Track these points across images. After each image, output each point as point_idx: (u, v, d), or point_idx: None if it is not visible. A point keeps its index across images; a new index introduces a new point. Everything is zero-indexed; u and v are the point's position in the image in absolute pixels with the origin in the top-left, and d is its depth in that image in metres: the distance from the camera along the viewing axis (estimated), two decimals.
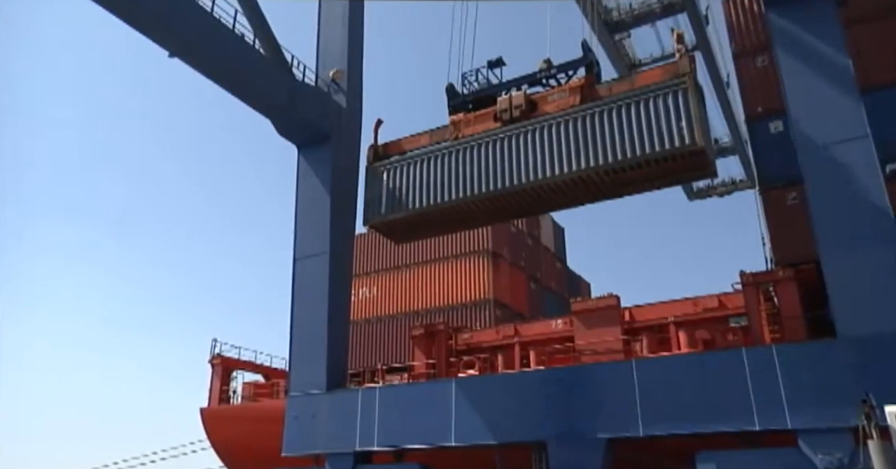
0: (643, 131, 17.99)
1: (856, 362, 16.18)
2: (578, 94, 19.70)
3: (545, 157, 19.39)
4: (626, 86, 19.22)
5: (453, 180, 20.83)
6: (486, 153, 20.60)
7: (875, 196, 17.28)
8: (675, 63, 18.53)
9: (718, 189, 48.71)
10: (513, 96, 20.87)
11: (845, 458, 15.20)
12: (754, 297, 20.89)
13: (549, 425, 19.28)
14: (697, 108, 17.51)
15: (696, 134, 17.08)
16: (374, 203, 22.22)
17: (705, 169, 18.42)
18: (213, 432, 31.81)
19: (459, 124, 21.63)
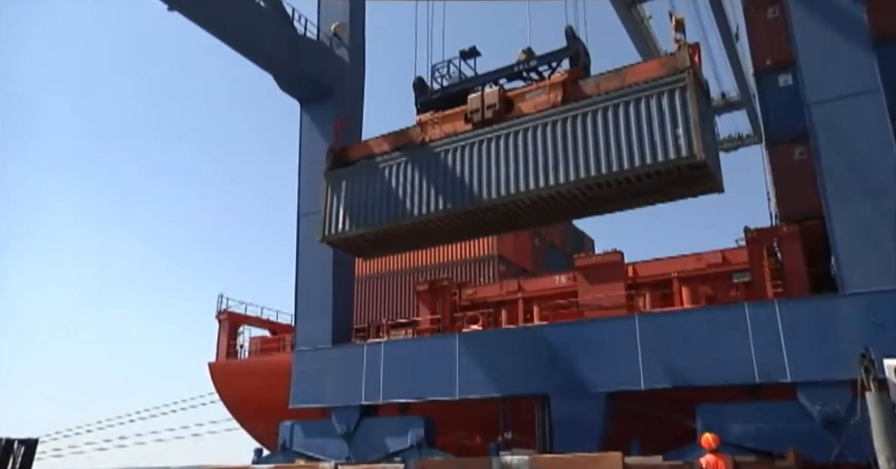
0: (632, 139, 15.59)
1: (858, 317, 16.31)
2: (560, 92, 17.09)
3: (518, 168, 17.01)
4: (616, 82, 16.52)
5: (416, 193, 18.54)
6: (453, 161, 18.22)
7: (884, 151, 17.11)
8: (674, 55, 15.94)
9: (724, 145, 48.20)
10: (485, 94, 18.21)
11: (842, 410, 15.46)
12: (758, 252, 20.95)
13: (552, 378, 19.58)
14: (698, 112, 15.01)
15: (696, 144, 14.65)
16: (332, 216, 20.13)
17: (708, 184, 16.02)
18: (221, 386, 32.45)
19: (427, 125, 19.19)
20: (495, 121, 17.74)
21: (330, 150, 21.07)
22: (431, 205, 18.11)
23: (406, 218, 18.54)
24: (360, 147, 20.73)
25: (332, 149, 21.07)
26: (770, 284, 20.39)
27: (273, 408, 25.13)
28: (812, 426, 16.19)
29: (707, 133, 15.29)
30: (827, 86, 18.01)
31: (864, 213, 16.88)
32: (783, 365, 16.89)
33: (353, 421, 22.96)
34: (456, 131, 18.49)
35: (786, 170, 21.10)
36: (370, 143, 20.58)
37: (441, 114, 19.13)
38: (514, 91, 18.16)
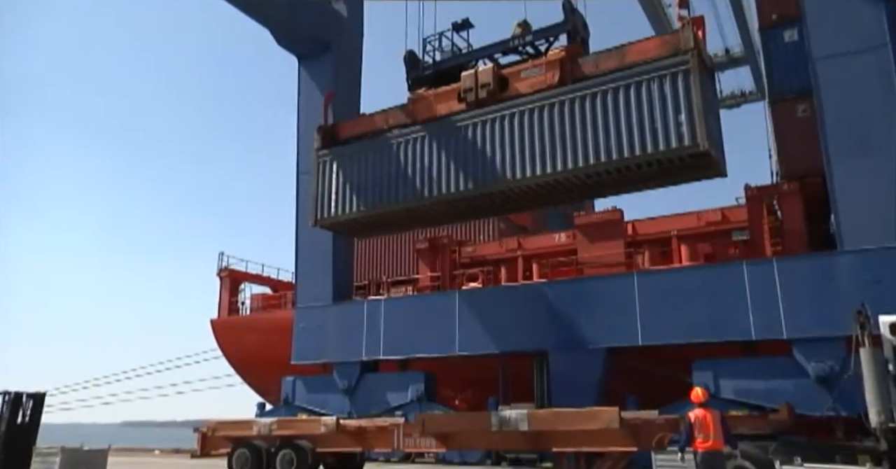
0: (632, 126, 14.97)
1: (855, 274, 16.40)
2: (557, 70, 16.26)
3: (514, 154, 16.43)
4: (616, 61, 15.76)
5: (407, 176, 17.97)
6: (445, 144, 17.56)
7: (888, 108, 16.95)
8: (677, 33, 15.05)
9: (727, 101, 47.66)
10: (479, 71, 17.37)
11: (836, 366, 15.69)
12: (758, 210, 20.95)
13: (551, 335, 19.80)
14: (701, 97, 14.26)
15: (699, 132, 14.08)
16: (323, 199, 19.58)
17: (710, 170, 15.62)
18: (224, 342, 32.85)
19: (419, 103, 18.45)
20: (490, 101, 17.02)
21: (320, 127, 20.31)
22: (425, 190, 17.59)
23: (399, 203, 18.06)
24: (351, 125, 20.07)
25: (322, 126, 20.30)
26: (769, 242, 20.45)
27: (275, 363, 25.49)
28: (806, 381, 16.45)
29: (711, 118, 14.64)
30: (833, 41, 17.70)
31: (865, 171, 16.81)
32: (779, 322, 17.07)
33: (354, 376, 23.32)
34: (449, 111, 17.74)
35: (788, 127, 20.92)
36: (362, 121, 19.97)
37: (434, 91, 18.33)
38: (509, 68, 17.41)
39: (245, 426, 17.50)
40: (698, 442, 10.43)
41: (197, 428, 19.00)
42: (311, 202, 19.98)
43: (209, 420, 18.61)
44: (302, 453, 15.93)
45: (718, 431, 10.51)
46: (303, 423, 17.10)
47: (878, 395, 10.40)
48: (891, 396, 10.41)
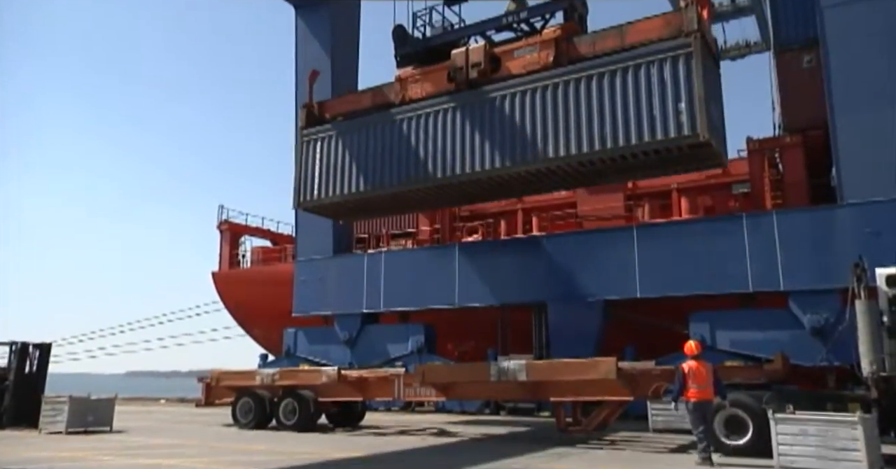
0: (629, 113, 14.20)
1: (854, 227, 16.44)
2: (552, 50, 15.38)
3: (505, 139, 15.66)
4: (615, 41, 14.85)
5: (395, 160, 17.27)
6: (434, 127, 16.74)
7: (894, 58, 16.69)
8: (679, 13, 14.19)
9: (731, 52, 46.79)
10: (470, 50, 16.44)
11: (831, 318, 15.89)
12: (759, 163, 20.85)
13: (550, 287, 19.97)
14: (703, 83, 13.47)
15: (699, 121, 13.36)
16: (306, 181, 18.86)
17: (710, 161, 15.07)
18: (225, 294, 33.11)
19: (407, 83, 17.53)
20: (481, 81, 16.21)
21: (304, 105, 19.55)
22: (411, 175, 16.94)
23: (385, 188, 17.43)
24: (336, 103, 19.32)
25: (306, 104, 19.49)
26: (769, 195, 20.42)
27: (276, 315, 25.78)
28: (800, 333, 16.70)
29: (712, 106, 13.90)
30: None
31: (868, 123, 16.66)
32: (777, 274, 17.20)
33: (354, 328, 23.63)
34: (439, 91, 16.92)
35: (793, 78, 20.64)
36: (347, 99, 19.28)
37: (422, 69, 17.44)
38: (501, 47, 16.53)
39: (248, 376, 17.80)
40: (691, 392, 10.78)
41: (201, 378, 19.32)
42: (294, 183, 19.31)
43: (213, 371, 18.90)
44: (304, 403, 16.24)
45: (710, 382, 10.85)
46: (305, 374, 17.37)
47: (870, 346, 10.55)
48: (883, 347, 10.58)
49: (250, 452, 12.06)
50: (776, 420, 9.60)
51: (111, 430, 16.18)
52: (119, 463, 10.53)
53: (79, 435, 15.38)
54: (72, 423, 15.74)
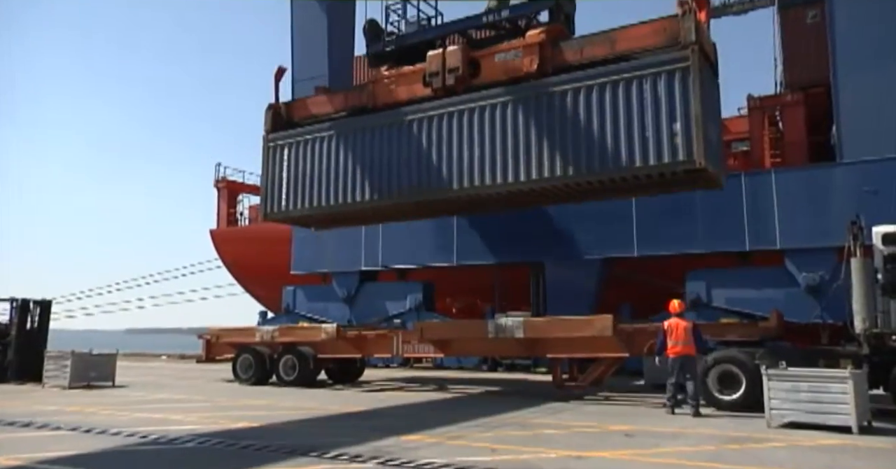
0: (620, 133, 12.94)
1: (852, 185, 16.44)
2: (536, 56, 14.01)
3: (485, 154, 14.37)
4: (604, 48, 13.46)
5: (368, 172, 16.00)
6: (409, 137, 15.51)
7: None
8: (675, 19, 12.70)
9: (734, 7, 45.95)
10: (447, 52, 15.05)
11: (826, 276, 16.04)
12: (759, 121, 20.71)
13: (548, 246, 20.04)
14: (701, 101, 12.16)
15: (696, 146, 12.11)
16: (274, 191, 17.55)
17: (706, 183, 13.87)
18: (224, 252, 33.19)
19: (380, 85, 16.23)
20: (459, 88, 14.91)
21: (270, 106, 17.99)
22: (384, 190, 15.75)
23: (357, 203, 16.22)
24: (306, 105, 17.78)
25: (272, 105, 17.98)
26: (769, 154, 20.35)
27: (275, 273, 25.91)
28: (795, 291, 16.88)
29: (710, 126, 12.76)
30: None
31: (871, 81, 16.50)
32: (774, 233, 17.28)
33: (353, 286, 23.79)
34: (413, 97, 15.63)
35: (796, 34, 20.34)
36: (317, 101, 17.68)
37: (397, 71, 16.11)
38: (481, 50, 15.13)
39: (248, 333, 17.98)
40: (670, 348, 11.19)
41: (201, 335, 19.52)
42: (261, 191, 18.08)
43: (213, 327, 19.09)
44: (304, 359, 16.45)
45: (689, 339, 11.18)
46: (304, 331, 17.55)
47: (864, 304, 10.68)
48: (876, 304, 10.71)
49: (252, 407, 12.28)
50: (769, 376, 9.77)
51: (113, 385, 16.44)
52: (126, 417, 10.72)
53: (81, 390, 15.63)
54: (74, 378, 15.99)
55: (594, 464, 6.94)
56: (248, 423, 9.98)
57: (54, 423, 9.96)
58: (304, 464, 6.93)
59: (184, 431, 9.09)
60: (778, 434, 9.08)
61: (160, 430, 9.15)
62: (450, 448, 7.88)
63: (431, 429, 9.39)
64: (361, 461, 7.04)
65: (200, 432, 9.04)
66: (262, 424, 9.92)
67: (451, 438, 8.62)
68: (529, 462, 6.96)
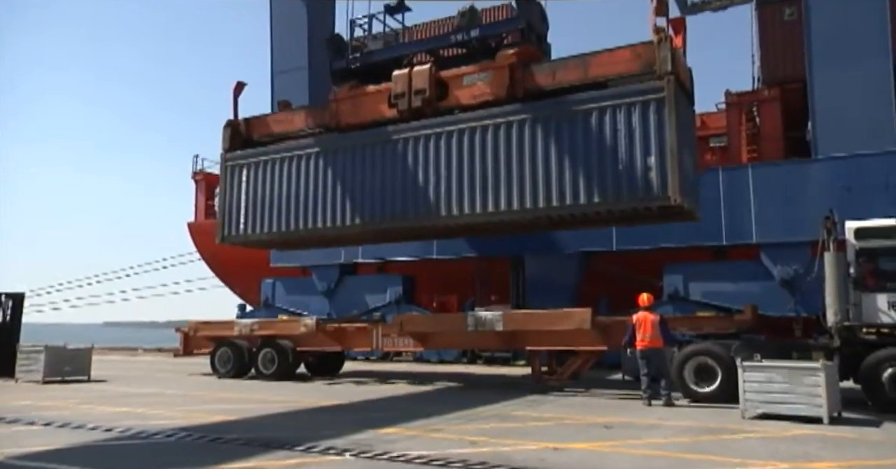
0: (592, 166, 12.40)
1: (826, 181, 16.70)
2: (506, 80, 13.45)
3: (451, 183, 13.81)
4: (577, 73, 12.98)
5: (330, 198, 15.34)
6: (371, 161, 14.86)
7: (875, 14, 16.67)
8: (651, 45, 12.23)
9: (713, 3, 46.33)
10: (414, 73, 14.38)
11: (801, 270, 16.29)
12: (736, 116, 20.91)
13: (527, 240, 20.08)
14: (677, 133, 11.70)
15: (671, 182, 11.66)
16: (231, 213, 16.82)
17: (682, 217, 13.58)
18: (202, 245, 32.81)
19: (344, 105, 15.52)
20: (426, 111, 14.33)
21: (228, 123, 17.17)
22: (347, 217, 15.12)
23: (318, 230, 15.66)
24: (266, 123, 17.04)
25: (230, 122, 17.18)
26: (746, 149, 20.58)
27: (253, 266, 25.70)
28: (770, 284, 17.14)
29: (686, 158, 12.32)
30: None
31: (846, 78, 16.74)
32: (750, 227, 17.50)
33: (333, 279, 23.70)
34: (378, 118, 15.02)
35: (773, 30, 20.55)
36: (278, 119, 17.01)
37: (361, 90, 15.43)
38: (449, 71, 14.50)
39: (226, 326, 17.87)
40: (638, 341, 11.43)
41: (179, 328, 19.36)
42: (218, 213, 17.43)
43: (191, 321, 18.93)
44: (283, 352, 16.39)
45: (656, 332, 11.43)
46: (283, 324, 17.48)
47: (836, 297, 10.88)
48: (848, 297, 10.91)
49: (230, 400, 12.21)
50: (744, 368, 9.91)
51: (89, 380, 16.25)
52: (102, 411, 10.61)
53: (56, 384, 15.43)
54: (48, 373, 15.77)
55: (572, 455, 7.00)
56: (226, 417, 9.92)
57: (28, 417, 9.83)
58: (282, 457, 6.91)
59: (162, 426, 9.02)
60: (752, 425, 9.22)
61: (138, 425, 9.08)
62: (428, 441, 7.90)
63: (410, 421, 9.41)
64: (339, 454, 7.04)
65: (178, 426, 8.98)
66: (240, 418, 9.88)
67: (429, 431, 8.64)
68: (508, 454, 7.00)
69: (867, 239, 11.07)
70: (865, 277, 10.94)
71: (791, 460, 6.77)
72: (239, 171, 16.79)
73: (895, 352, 10.38)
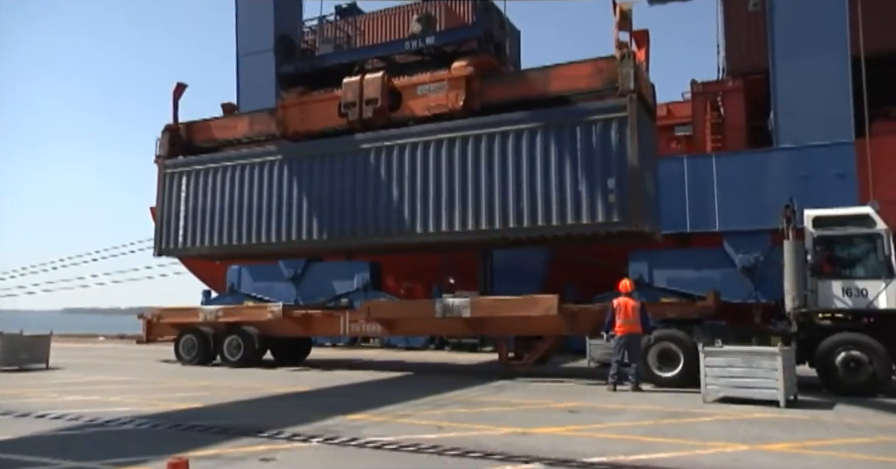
0: (551, 186, 12.06)
1: (787, 170, 17.07)
2: (462, 91, 12.93)
3: (404, 202, 13.32)
4: (538, 86, 12.72)
5: (275, 211, 14.67)
6: (320, 174, 14.22)
7: (837, 6, 17.03)
8: (613, 60, 11.96)
9: None
10: (365, 81, 13.74)
11: (761, 257, 16.68)
12: (702, 106, 21.21)
13: None
14: (638, 153, 11.35)
15: (632, 206, 11.44)
16: (169, 224, 16.06)
17: (643, 240, 13.58)
18: None
19: (292, 112, 14.80)
20: (377, 122, 13.73)
21: (167, 128, 16.27)
22: (293, 232, 14.49)
23: (262, 245, 15.07)
24: (208, 129, 16.13)
25: (169, 126, 16.26)
26: (710, 138, 20.91)
27: None
28: (732, 271, 17.51)
29: (647, 175, 12.06)
30: None
31: (807, 69, 17.09)
32: (713, 215, 17.83)
33: (300, 265, 23.50)
34: (326, 128, 14.39)
35: (738, 21, 20.85)
36: (221, 124, 16.16)
37: (310, 97, 14.74)
38: (403, 79, 13.92)
39: (191, 313, 17.61)
40: (617, 326, 11.53)
41: (142, 315, 19.03)
42: (155, 223, 16.56)
43: (154, 307, 18.62)
44: (249, 339, 16.23)
45: (637, 318, 11.58)
46: (249, 310, 17.30)
47: (794, 283, 11.16)
48: (806, 284, 11.21)
49: (194, 388, 12.08)
50: (705, 353, 10.12)
51: (47, 368, 15.91)
52: (60, 400, 10.41)
53: (13, 373, 15.07)
54: (5, 361, 15.40)
55: (539, 439, 7.09)
56: (190, 404, 9.81)
57: None
58: (248, 444, 6.87)
59: (122, 413, 8.89)
60: (712, 408, 9.44)
61: (100, 413, 8.93)
62: (396, 426, 7.93)
63: (378, 407, 9.42)
64: (307, 440, 7.03)
65: (139, 414, 8.85)
66: (204, 405, 9.77)
67: (397, 417, 8.67)
68: (476, 439, 7.06)
69: (824, 227, 11.37)
70: (822, 265, 11.25)
71: (748, 442, 6.96)
72: (178, 179, 16.10)
73: (848, 337, 10.73)
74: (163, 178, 16.26)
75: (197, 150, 16.18)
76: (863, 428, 7.92)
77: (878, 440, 7.16)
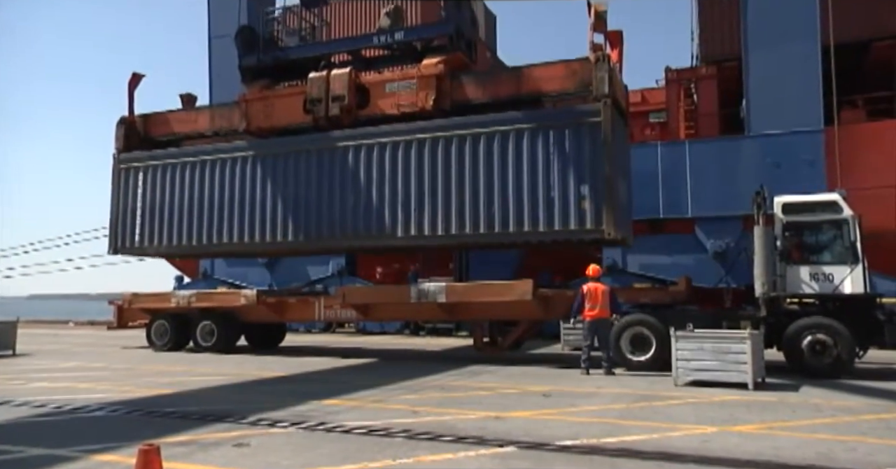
0: (523, 191, 11.88)
1: (758, 157, 17.31)
2: (432, 90, 12.66)
3: (371, 203, 13.04)
4: (510, 86, 12.49)
5: (237, 210, 14.23)
6: (284, 172, 13.80)
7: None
8: (587, 62, 11.81)
9: None
10: (332, 77, 13.33)
11: (732, 243, 16.94)
12: (675, 92, 21.36)
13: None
14: (611, 161, 11.23)
15: (605, 213, 11.37)
16: (125, 222, 15.46)
17: (613, 244, 13.61)
18: None
19: (254, 106, 14.31)
20: (344, 119, 13.36)
21: (122, 121, 15.61)
22: (257, 233, 14.12)
23: (223, 245, 14.68)
24: (167, 121, 15.49)
25: (125, 119, 15.62)
26: (684, 125, 21.09)
27: None
28: (703, 257, 17.76)
29: (619, 181, 11.94)
30: None
31: (779, 57, 17.29)
32: (686, 202, 18.04)
33: None
34: (291, 124, 13.93)
35: (712, 9, 20.96)
36: (180, 117, 15.53)
37: (274, 91, 14.29)
38: (371, 75, 13.64)
39: (163, 299, 17.38)
40: (586, 311, 11.63)
41: (113, 300, 18.76)
42: (110, 220, 15.84)
43: (125, 292, 18.37)
44: (222, 325, 16.09)
45: (606, 302, 11.68)
46: (222, 296, 17.13)
47: (764, 269, 11.35)
48: (775, 269, 11.41)
49: (167, 374, 11.97)
50: (677, 337, 10.27)
51: (14, 354, 15.64)
52: (28, 387, 10.25)
53: None
54: None
55: (513, 423, 7.16)
56: (163, 391, 9.73)
57: None
58: (221, 430, 6.83)
59: (92, 400, 8.78)
60: (683, 392, 9.60)
61: (70, 400, 8.80)
62: (371, 411, 7.94)
63: (352, 393, 9.43)
64: (281, 426, 7.01)
65: (110, 400, 8.75)
66: (177, 391, 9.70)
67: (372, 402, 8.68)
68: (451, 423, 7.11)
69: (793, 213, 11.56)
70: (791, 250, 11.46)
71: (718, 423, 7.10)
72: (135, 174, 15.52)
73: (814, 321, 10.97)
74: (118, 173, 15.64)
75: (155, 144, 15.59)
76: (826, 409, 8.12)
77: (840, 420, 7.36)
